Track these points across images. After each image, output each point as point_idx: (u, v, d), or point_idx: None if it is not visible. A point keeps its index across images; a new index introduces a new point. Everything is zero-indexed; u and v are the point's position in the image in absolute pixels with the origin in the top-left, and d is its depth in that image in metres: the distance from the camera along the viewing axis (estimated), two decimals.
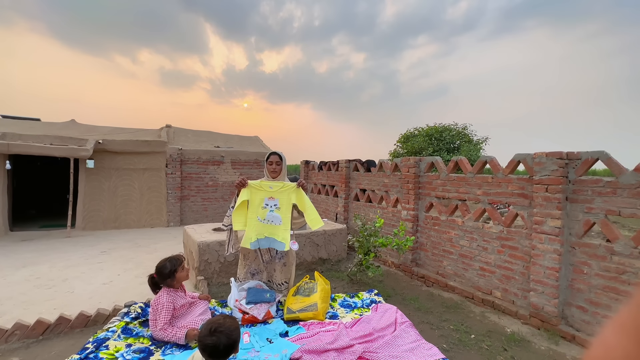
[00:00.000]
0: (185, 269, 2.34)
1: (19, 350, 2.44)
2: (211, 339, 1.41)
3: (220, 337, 1.42)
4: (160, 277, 2.26)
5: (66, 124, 8.44)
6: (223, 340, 1.41)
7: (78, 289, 3.69)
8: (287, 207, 2.81)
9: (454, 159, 3.78)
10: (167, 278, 2.24)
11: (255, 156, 8.61)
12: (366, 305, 2.86)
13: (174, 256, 2.36)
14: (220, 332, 1.43)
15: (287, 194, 2.83)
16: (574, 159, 2.71)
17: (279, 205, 2.79)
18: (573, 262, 2.70)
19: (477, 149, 12.15)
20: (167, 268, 2.24)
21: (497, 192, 3.29)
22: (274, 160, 2.93)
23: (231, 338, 1.44)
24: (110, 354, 1.87)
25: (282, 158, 2.96)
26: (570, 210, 2.72)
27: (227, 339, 1.43)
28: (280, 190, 2.83)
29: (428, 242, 4.10)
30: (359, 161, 5.73)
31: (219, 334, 1.42)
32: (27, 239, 6.01)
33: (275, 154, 2.96)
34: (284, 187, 2.84)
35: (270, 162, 2.93)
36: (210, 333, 1.43)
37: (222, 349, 1.41)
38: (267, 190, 2.81)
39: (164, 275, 2.24)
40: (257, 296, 2.53)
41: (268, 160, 2.95)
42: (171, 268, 2.25)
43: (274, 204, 2.78)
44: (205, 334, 1.44)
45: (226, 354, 1.44)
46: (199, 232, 4.16)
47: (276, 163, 2.92)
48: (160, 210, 7.36)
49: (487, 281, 3.36)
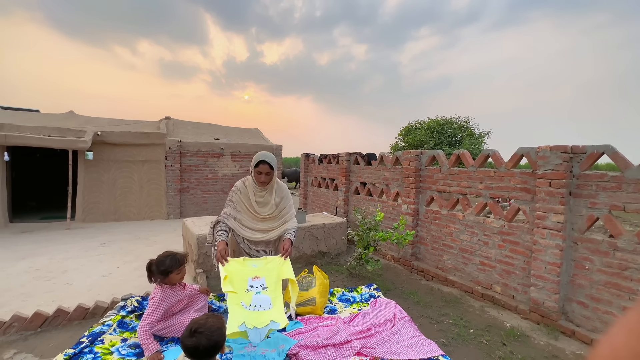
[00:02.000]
0: (182, 272, 2.22)
1: (17, 342, 2.44)
2: (191, 340, 1.38)
3: (200, 338, 1.38)
4: (155, 269, 2.14)
5: (65, 115, 8.37)
6: (203, 341, 1.38)
7: (77, 281, 3.69)
8: (276, 285, 2.38)
9: (456, 152, 3.72)
10: (160, 274, 2.12)
11: (255, 149, 8.55)
12: (365, 300, 2.84)
13: (177, 255, 2.20)
14: (200, 332, 1.39)
15: (275, 269, 2.41)
16: (579, 153, 2.65)
17: (266, 285, 2.34)
18: (575, 257, 2.66)
19: (479, 143, 12.04)
20: (165, 265, 2.12)
21: (499, 187, 3.24)
22: (263, 170, 2.47)
23: (211, 339, 1.40)
24: (106, 349, 1.86)
25: (272, 167, 2.50)
26: (573, 205, 2.67)
27: (207, 340, 1.39)
28: (265, 266, 2.42)
29: (428, 236, 4.07)
30: (360, 154, 5.67)
31: (199, 335, 1.39)
32: (27, 230, 6.02)
33: (264, 162, 2.46)
34: (269, 263, 2.45)
35: (259, 171, 2.47)
36: (190, 334, 1.40)
37: (202, 350, 1.38)
38: (250, 269, 2.38)
39: (159, 270, 2.13)
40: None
41: (257, 168, 2.48)
42: (167, 267, 2.12)
43: (259, 285, 2.33)
44: (186, 334, 1.41)
45: (208, 355, 1.41)
46: (197, 225, 4.13)
47: (266, 174, 2.48)
48: (159, 202, 7.35)
49: (487, 276, 3.33)
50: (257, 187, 2.56)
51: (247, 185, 2.61)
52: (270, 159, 2.50)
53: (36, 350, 2.33)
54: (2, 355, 2.27)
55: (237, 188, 2.63)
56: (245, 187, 2.61)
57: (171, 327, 2.13)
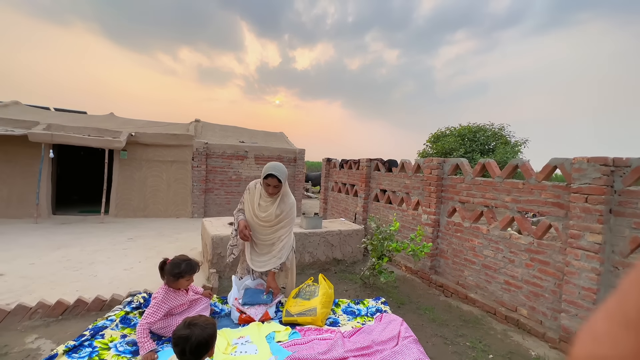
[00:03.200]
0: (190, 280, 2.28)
1: (39, 327, 2.60)
2: (185, 331, 1.42)
3: (194, 329, 1.41)
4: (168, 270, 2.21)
5: (106, 117, 9.01)
6: (196, 332, 1.41)
7: (101, 273, 3.89)
8: (260, 338, 2.31)
9: (481, 162, 3.48)
10: (170, 275, 2.18)
11: (279, 152, 8.65)
12: (370, 314, 2.70)
13: (193, 263, 2.26)
14: (194, 325, 1.43)
15: (258, 328, 2.39)
16: (622, 166, 2.35)
17: (251, 340, 2.29)
18: (615, 284, 2.35)
19: (515, 152, 11.27)
20: (179, 269, 2.17)
21: (528, 200, 2.97)
22: (271, 183, 2.49)
23: (205, 331, 1.42)
24: (104, 344, 1.90)
25: (281, 181, 2.51)
26: (614, 225, 2.37)
27: (201, 332, 1.41)
28: (248, 329, 2.40)
29: (449, 249, 3.83)
30: (380, 160, 5.52)
31: (193, 326, 1.43)
32: (66, 222, 6.50)
33: (273, 176, 2.46)
34: (251, 327, 2.41)
35: (267, 183, 2.50)
36: (185, 326, 1.44)
37: (194, 342, 1.39)
38: (234, 333, 2.35)
39: (171, 272, 2.19)
40: (254, 297, 2.45)
41: (265, 180, 2.50)
42: (181, 271, 2.17)
43: (245, 341, 2.29)
44: (181, 326, 1.45)
45: (198, 352, 1.40)
46: (215, 225, 4.22)
47: (274, 186, 2.51)
48: (185, 201, 7.64)
49: (513, 296, 3.06)
50: (265, 194, 2.63)
51: (257, 188, 2.70)
52: (280, 172, 2.51)
53: (55, 337, 2.46)
54: (24, 339, 2.42)
55: (249, 188, 2.76)
56: (255, 188, 2.71)
57: (169, 327, 2.15)
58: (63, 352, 1.81)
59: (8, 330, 2.53)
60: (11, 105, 7.92)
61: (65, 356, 1.80)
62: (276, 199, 2.62)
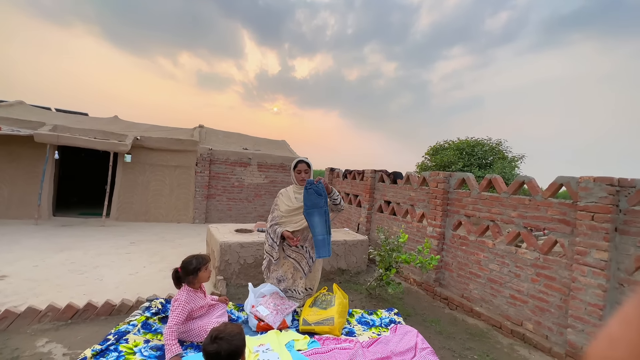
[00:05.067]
0: (208, 270, 2.35)
1: (49, 331, 2.58)
2: (212, 347, 1.43)
3: (221, 344, 1.43)
4: (184, 272, 2.27)
5: (110, 120, 9.03)
6: (224, 346, 1.43)
7: (107, 277, 3.87)
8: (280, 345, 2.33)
9: (488, 177, 3.58)
10: (190, 275, 2.25)
11: (281, 160, 8.71)
12: (385, 325, 2.73)
13: (201, 255, 2.37)
14: (221, 338, 1.45)
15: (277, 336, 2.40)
16: (627, 187, 2.45)
17: (272, 347, 2.33)
18: (620, 300, 2.43)
19: (512, 167, 11.50)
20: (193, 264, 2.25)
21: (534, 216, 3.06)
22: (302, 168, 2.95)
23: (232, 344, 1.44)
24: (129, 348, 1.92)
25: (309, 166, 3.00)
26: (619, 243, 2.46)
27: (229, 345, 1.44)
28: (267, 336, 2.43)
29: (454, 262, 3.89)
30: (385, 172, 5.61)
31: (219, 340, 1.44)
32: (67, 224, 6.45)
33: (302, 162, 2.98)
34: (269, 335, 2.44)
35: (299, 170, 2.96)
36: (211, 341, 1.46)
37: (224, 356, 1.41)
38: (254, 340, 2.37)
39: (188, 271, 2.25)
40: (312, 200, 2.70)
41: (296, 168, 2.97)
42: (196, 265, 2.26)
43: (265, 348, 2.33)
44: (207, 342, 1.47)
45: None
46: (222, 232, 4.23)
47: (304, 171, 2.95)
48: (187, 206, 7.63)
49: (518, 311, 3.11)
50: (298, 186, 2.98)
51: (288, 189, 3.08)
52: (306, 160, 3.01)
53: (65, 342, 2.44)
54: (35, 343, 2.40)
55: (280, 193, 3.09)
56: (286, 191, 3.08)
57: (191, 332, 2.18)
58: (91, 355, 1.82)
59: (18, 333, 2.51)
60: (16, 105, 7.91)
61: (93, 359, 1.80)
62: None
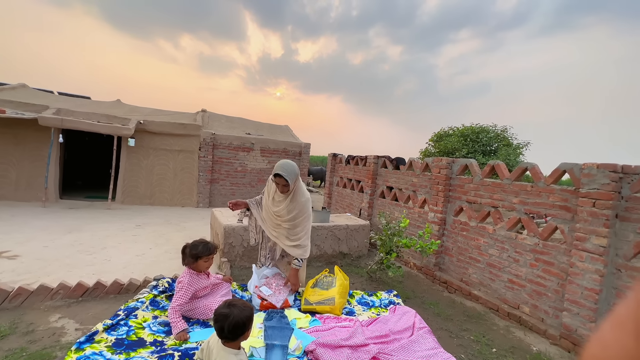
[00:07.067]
0: (209, 262, 2.37)
1: (61, 308, 2.69)
2: (225, 310, 1.53)
3: (233, 309, 1.52)
4: (188, 252, 2.30)
5: (112, 103, 9.01)
6: (235, 312, 1.51)
7: (114, 257, 3.98)
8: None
9: (490, 163, 3.57)
10: (190, 257, 2.28)
11: (284, 145, 8.70)
12: (384, 306, 2.82)
13: (210, 245, 2.36)
14: (234, 305, 1.55)
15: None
16: (630, 174, 2.45)
17: None
18: (617, 285, 2.47)
19: (517, 154, 11.38)
20: (197, 249, 2.27)
21: (535, 202, 3.07)
22: (279, 182, 2.58)
23: (243, 313, 1.53)
24: (139, 323, 2.00)
25: (288, 182, 2.55)
26: (619, 229, 2.48)
27: (240, 313, 1.52)
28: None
29: (454, 247, 3.95)
30: (388, 158, 5.60)
31: (232, 307, 1.54)
32: (74, 207, 6.56)
33: (279, 176, 2.53)
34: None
35: (277, 182, 2.60)
36: (225, 306, 1.56)
37: (232, 321, 1.49)
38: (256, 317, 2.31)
39: (191, 253, 2.28)
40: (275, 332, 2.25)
41: (275, 178, 2.60)
42: (199, 253, 2.27)
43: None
44: (222, 306, 1.57)
45: (235, 331, 1.51)
46: (225, 216, 4.30)
47: (283, 185, 2.58)
48: (191, 191, 7.71)
49: (516, 294, 3.18)
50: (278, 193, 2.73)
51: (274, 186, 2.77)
52: (288, 173, 2.55)
53: (77, 317, 2.55)
54: (48, 319, 2.51)
55: (269, 179, 2.82)
56: (271, 182, 2.78)
57: (196, 310, 2.26)
58: (103, 329, 1.91)
59: (32, 309, 2.62)
60: (19, 88, 7.90)
61: (105, 333, 1.90)
62: (287, 196, 2.69)
